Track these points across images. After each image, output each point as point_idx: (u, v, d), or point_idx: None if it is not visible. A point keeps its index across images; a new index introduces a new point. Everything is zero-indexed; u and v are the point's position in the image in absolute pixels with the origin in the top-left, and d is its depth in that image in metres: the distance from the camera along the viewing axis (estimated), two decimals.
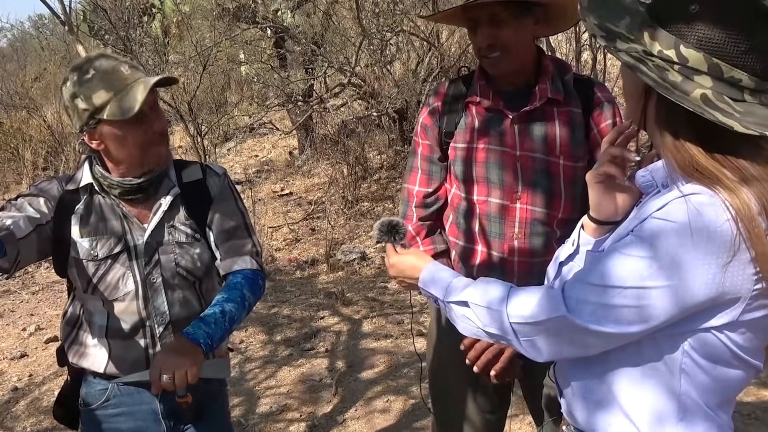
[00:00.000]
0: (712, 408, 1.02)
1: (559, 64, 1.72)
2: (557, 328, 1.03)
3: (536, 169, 1.66)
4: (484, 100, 1.70)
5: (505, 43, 1.59)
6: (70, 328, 1.65)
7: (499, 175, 1.68)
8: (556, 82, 1.66)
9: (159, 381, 1.43)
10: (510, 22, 1.57)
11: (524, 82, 1.68)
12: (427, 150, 1.81)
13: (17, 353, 4.10)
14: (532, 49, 1.67)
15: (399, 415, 3.17)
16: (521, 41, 1.61)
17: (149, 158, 1.55)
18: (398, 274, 1.36)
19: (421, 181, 1.82)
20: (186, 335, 1.49)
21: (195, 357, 1.46)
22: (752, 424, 2.85)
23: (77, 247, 1.56)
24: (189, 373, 1.44)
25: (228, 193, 1.69)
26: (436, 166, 1.80)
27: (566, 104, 1.67)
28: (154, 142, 1.53)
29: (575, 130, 1.66)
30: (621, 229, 1.08)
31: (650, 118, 1.03)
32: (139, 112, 1.46)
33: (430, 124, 1.80)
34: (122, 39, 5.85)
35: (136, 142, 1.51)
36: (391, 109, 6.29)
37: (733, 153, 0.95)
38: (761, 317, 0.96)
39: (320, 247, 5.54)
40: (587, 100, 1.68)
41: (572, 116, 1.67)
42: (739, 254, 0.92)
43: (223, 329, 1.54)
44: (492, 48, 1.60)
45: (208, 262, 1.65)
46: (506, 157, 1.67)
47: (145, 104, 1.47)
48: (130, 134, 1.50)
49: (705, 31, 0.94)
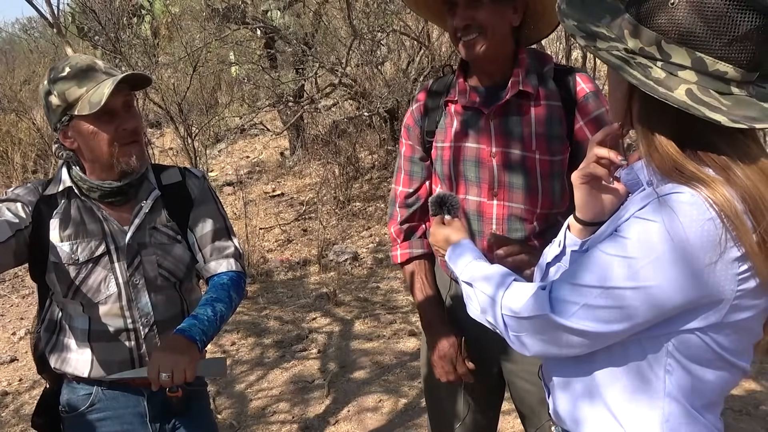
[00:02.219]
0: (698, 409, 1.02)
1: (537, 57, 1.70)
2: (541, 326, 1.03)
3: (512, 165, 1.65)
4: (462, 98, 1.69)
5: (481, 23, 1.57)
6: (49, 334, 1.64)
7: (476, 172, 1.68)
8: (531, 74, 1.64)
9: (158, 379, 1.43)
10: (487, 4, 1.56)
11: (501, 76, 1.66)
12: (409, 150, 1.82)
13: (7, 357, 4.07)
14: (508, 40, 1.65)
15: (391, 415, 3.16)
16: (498, 26, 1.59)
17: (121, 157, 1.53)
18: (435, 243, 1.44)
19: (404, 182, 1.83)
20: (182, 332, 1.49)
21: (192, 354, 1.46)
22: (743, 419, 2.85)
23: (57, 251, 1.55)
24: (187, 370, 1.44)
25: (209, 196, 1.71)
26: (417, 166, 1.81)
27: (543, 97, 1.64)
28: (124, 140, 1.52)
29: (552, 124, 1.64)
30: (604, 228, 1.08)
31: (635, 116, 1.02)
32: (111, 109, 1.47)
33: (411, 124, 1.81)
34: (111, 40, 5.81)
35: (105, 138, 1.51)
36: (382, 109, 6.28)
37: (716, 151, 0.94)
38: (746, 318, 0.95)
39: (312, 248, 5.53)
40: (568, 92, 1.65)
41: (549, 110, 1.64)
42: (722, 254, 0.91)
43: (214, 328, 1.55)
44: (468, 29, 1.58)
45: (189, 263, 1.66)
46: (482, 154, 1.66)
47: (117, 102, 1.48)
48: (100, 130, 1.50)
49: (686, 25, 0.93)
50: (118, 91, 1.47)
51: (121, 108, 1.51)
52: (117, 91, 1.47)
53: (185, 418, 1.68)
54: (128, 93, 1.54)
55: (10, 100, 8.46)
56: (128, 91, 1.53)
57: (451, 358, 1.71)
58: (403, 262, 1.85)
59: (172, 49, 7.02)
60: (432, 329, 1.78)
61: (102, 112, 1.47)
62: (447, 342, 1.72)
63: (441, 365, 1.73)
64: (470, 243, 1.32)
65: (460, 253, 1.29)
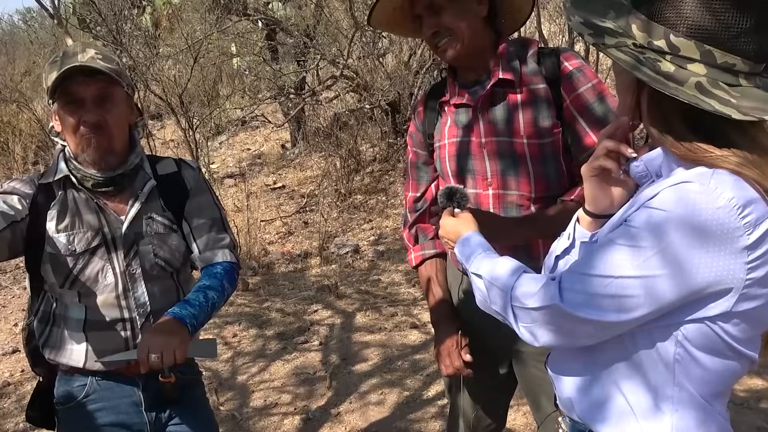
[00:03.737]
0: (707, 398, 1.02)
1: (521, 44, 1.70)
2: (551, 316, 1.03)
3: (501, 152, 1.66)
4: (453, 97, 1.72)
5: (448, 26, 1.58)
6: (43, 325, 1.64)
7: (470, 165, 1.70)
8: (511, 62, 1.64)
9: (147, 360, 1.43)
10: (447, 7, 1.57)
11: (484, 69, 1.67)
12: (414, 157, 1.86)
13: (9, 349, 4.09)
14: (484, 34, 1.64)
15: (394, 408, 3.17)
16: (467, 24, 1.59)
17: (82, 147, 1.53)
18: (444, 235, 1.43)
19: (412, 187, 1.87)
20: (172, 315, 1.49)
21: (182, 336, 1.47)
22: (745, 413, 2.86)
23: (54, 242, 1.55)
24: (177, 352, 1.44)
25: (204, 187, 1.72)
26: (422, 171, 1.85)
27: (526, 82, 1.64)
28: (83, 131, 1.52)
29: (538, 107, 1.63)
30: (615, 219, 1.08)
31: (644, 110, 1.02)
32: (79, 98, 1.50)
33: (414, 131, 1.85)
34: (112, 32, 5.80)
35: (68, 126, 1.53)
36: (384, 102, 6.27)
37: (727, 143, 0.94)
38: (756, 308, 0.95)
39: (313, 240, 5.53)
40: (552, 72, 1.64)
41: (533, 93, 1.64)
42: (732, 243, 0.91)
43: (205, 314, 1.56)
44: (438, 35, 1.60)
45: (185, 252, 1.67)
46: (473, 147, 1.68)
47: (86, 92, 1.50)
48: (66, 117, 1.53)
49: (695, 18, 0.93)
50: (89, 82, 1.49)
51: (91, 99, 1.51)
52: (88, 82, 1.49)
53: (180, 407, 1.68)
54: (104, 85, 1.52)
55: (11, 91, 8.44)
56: (104, 83, 1.52)
57: (449, 351, 1.72)
58: (417, 264, 1.87)
59: (173, 40, 7.01)
60: (438, 326, 1.80)
61: (69, 100, 1.50)
62: (448, 336, 1.74)
63: (440, 359, 1.75)
64: (479, 236, 1.33)
65: (470, 246, 1.29)
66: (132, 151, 1.62)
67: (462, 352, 1.70)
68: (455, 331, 1.74)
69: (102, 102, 1.53)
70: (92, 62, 1.49)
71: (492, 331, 1.57)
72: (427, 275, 1.85)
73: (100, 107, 1.52)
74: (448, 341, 1.73)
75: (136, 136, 1.65)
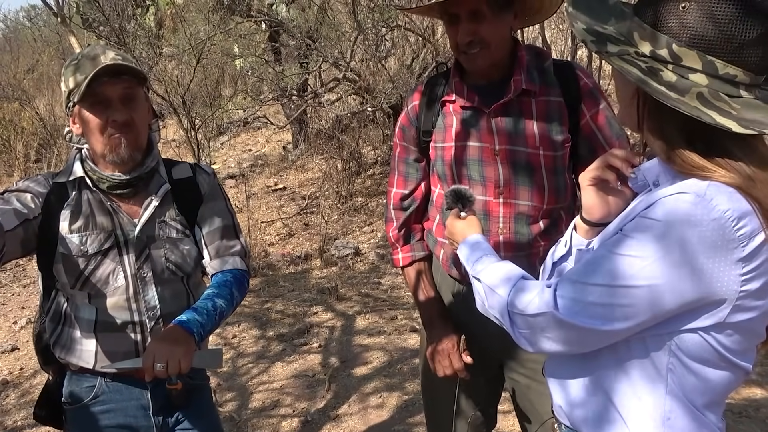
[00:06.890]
0: (700, 408, 1.02)
1: (535, 53, 1.70)
2: (546, 323, 1.04)
3: (516, 162, 1.65)
4: (460, 98, 1.68)
5: (484, 38, 1.57)
6: (54, 324, 1.64)
7: (480, 171, 1.67)
8: (531, 72, 1.64)
9: (152, 369, 1.43)
10: (490, 18, 1.56)
11: (499, 75, 1.66)
12: (404, 152, 1.81)
13: (8, 346, 4.09)
14: (509, 43, 1.65)
15: (393, 411, 3.17)
16: (500, 36, 1.59)
17: (110, 147, 1.53)
18: (449, 236, 1.44)
19: (398, 183, 1.83)
20: (179, 323, 1.49)
21: (188, 346, 1.46)
22: (743, 422, 2.86)
23: (66, 242, 1.55)
24: (182, 362, 1.44)
25: (218, 193, 1.72)
26: (412, 168, 1.81)
27: (543, 93, 1.64)
28: (112, 130, 1.52)
29: (553, 119, 1.63)
30: (611, 228, 1.08)
31: (644, 119, 1.03)
32: (106, 98, 1.50)
33: (407, 124, 1.79)
34: (115, 31, 5.81)
35: (97, 127, 1.52)
36: (386, 105, 6.27)
37: (727, 154, 0.95)
38: (749, 319, 0.96)
39: (314, 242, 5.54)
40: (570, 87, 1.65)
41: (550, 105, 1.64)
42: (726, 255, 0.91)
43: (213, 322, 1.55)
44: (472, 45, 1.58)
45: (196, 257, 1.67)
46: (485, 153, 1.66)
47: (113, 92, 1.50)
48: (92, 118, 1.52)
49: (698, 28, 0.93)
50: (114, 82, 1.49)
51: (118, 99, 1.51)
52: (114, 82, 1.49)
53: (188, 412, 1.69)
54: (129, 85, 1.53)
55: (13, 89, 8.45)
56: (129, 83, 1.53)
57: (448, 352, 1.71)
58: (406, 264, 1.86)
59: (176, 40, 7.01)
60: (431, 325, 1.79)
61: (96, 101, 1.50)
62: (445, 337, 1.73)
63: (438, 359, 1.73)
64: (483, 239, 1.34)
65: (473, 249, 1.30)
66: (149, 153, 1.62)
67: (463, 354, 1.70)
68: (452, 331, 1.73)
69: (128, 101, 1.54)
70: (117, 62, 1.50)
71: (483, 330, 1.58)
72: (417, 275, 1.84)
73: (126, 106, 1.53)
74: (446, 342, 1.72)
75: (153, 139, 1.65)
